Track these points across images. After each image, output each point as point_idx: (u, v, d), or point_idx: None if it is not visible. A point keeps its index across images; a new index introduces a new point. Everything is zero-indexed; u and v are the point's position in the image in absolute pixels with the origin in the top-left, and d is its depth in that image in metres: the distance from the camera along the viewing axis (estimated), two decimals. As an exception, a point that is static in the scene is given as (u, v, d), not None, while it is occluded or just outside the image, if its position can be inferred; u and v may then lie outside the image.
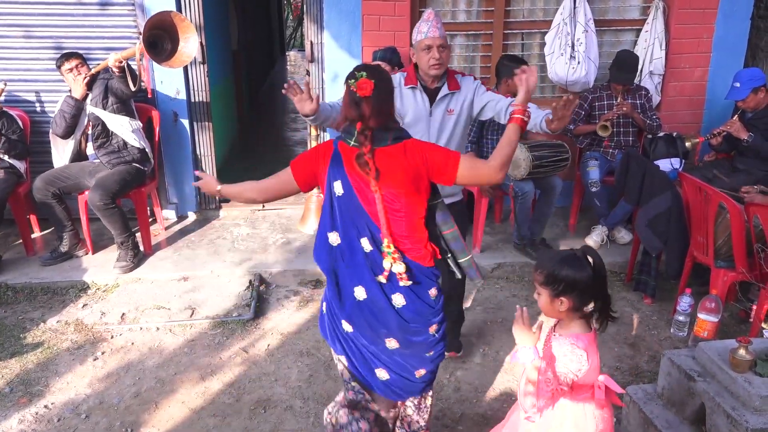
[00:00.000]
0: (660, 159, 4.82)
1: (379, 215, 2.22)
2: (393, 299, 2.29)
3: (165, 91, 5.11)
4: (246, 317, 3.98)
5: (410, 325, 2.31)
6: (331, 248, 2.34)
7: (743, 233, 3.55)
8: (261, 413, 3.14)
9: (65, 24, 4.88)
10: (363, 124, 2.19)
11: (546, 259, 2.08)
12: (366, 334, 2.35)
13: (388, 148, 2.22)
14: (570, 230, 5.19)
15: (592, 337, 2.05)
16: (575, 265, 2.00)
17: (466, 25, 5.30)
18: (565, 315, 2.05)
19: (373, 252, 2.27)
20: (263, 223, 5.36)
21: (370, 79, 2.18)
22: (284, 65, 19.18)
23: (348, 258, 2.31)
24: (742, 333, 3.72)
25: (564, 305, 2.01)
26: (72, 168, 4.56)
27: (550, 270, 2.02)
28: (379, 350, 2.36)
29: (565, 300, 2.01)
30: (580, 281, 1.99)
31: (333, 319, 2.42)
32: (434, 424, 3.05)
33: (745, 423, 2.35)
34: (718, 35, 5.33)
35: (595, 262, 2.01)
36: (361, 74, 2.20)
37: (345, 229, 2.29)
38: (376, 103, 2.20)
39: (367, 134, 2.19)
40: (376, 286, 2.29)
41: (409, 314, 2.30)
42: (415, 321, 2.31)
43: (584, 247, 2.10)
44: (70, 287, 4.28)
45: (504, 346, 3.70)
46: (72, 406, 3.19)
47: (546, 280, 2.03)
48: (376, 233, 2.26)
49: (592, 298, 2.03)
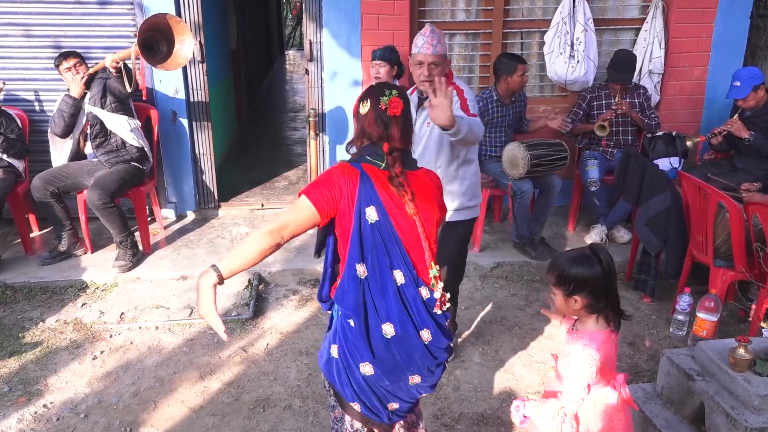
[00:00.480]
0: (659, 158, 4.83)
1: (422, 240, 2.10)
2: (422, 335, 2.12)
3: (164, 90, 5.10)
4: (245, 316, 3.98)
5: (436, 360, 2.18)
6: (360, 281, 2.09)
7: (742, 232, 3.55)
8: (260, 412, 3.14)
9: (64, 23, 4.88)
10: (390, 144, 2.08)
11: (557, 260, 2.11)
12: (390, 375, 2.13)
13: (417, 173, 2.16)
14: (569, 229, 5.19)
15: (606, 334, 2.07)
16: (585, 263, 2.03)
17: (465, 24, 5.30)
18: (581, 313, 2.08)
19: (405, 285, 2.09)
20: (262, 222, 5.36)
21: (400, 99, 2.08)
22: (283, 64, 19.17)
23: (376, 292, 2.09)
24: (742, 332, 3.72)
25: (578, 303, 2.05)
26: (71, 167, 4.55)
27: (561, 270, 2.05)
28: (397, 387, 2.17)
29: (579, 298, 2.04)
30: (590, 278, 2.02)
31: (349, 365, 2.15)
32: (433, 423, 3.05)
33: (745, 422, 2.35)
34: (717, 34, 5.33)
35: (604, 259, 2.03)
36: (392, 92, 2.09)
37: (375, 259, 2.07)
38: (404, 123, 2.11)
39: (396, 156, 2.08)
40: (408, 321, 2.10)
41: (436, 349, 2.16)
42: (440, 354, 2.17)
43: (593, 244, 2.12)
44: (69, 286, 4.28)
45: (503, 345, 3.70)
46: (71, 405, 3.18)
47: (558, 280, 2.06)
48: (409, 263, 2.09)
49: (604, 295, 2.04)
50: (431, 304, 2.13)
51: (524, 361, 3.58)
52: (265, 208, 5.61)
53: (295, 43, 24.31)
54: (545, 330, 3.89)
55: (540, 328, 3.92)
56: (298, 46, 23.49)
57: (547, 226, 4.93)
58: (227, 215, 5.51)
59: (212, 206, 5.52)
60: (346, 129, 5.28)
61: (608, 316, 2.09)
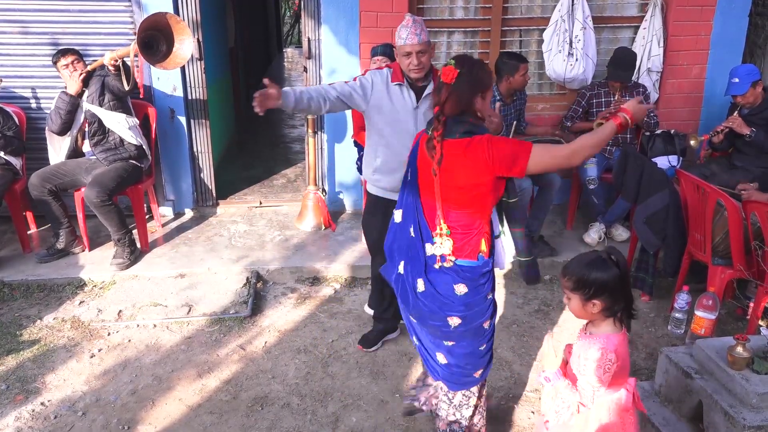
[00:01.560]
0: (658, 156, 4.82)
1: (437, 200, 2.33)
2: (417, 283, 2.45)
3: (162, 88, 5.09)
4: (243, 314, 3.97)
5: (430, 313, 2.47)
6: (395, 225, 2.56)
7: (741, 231, 3.55)
8: (258, 410, 3.14)
9: (62, 20, 4.86)
10: (439, 109, 2.31)
11: (573, 265, 2.11)
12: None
13: (455, 141, 2.30)
14: (567, 228, 5.19)
15: (621, 336, 2.07)
16: (603, 267, 2.03)
17: (463, 21, 5.29)
18: (597, 316, 2.07)
19: (414, 239, 2.44)
20: (260, 220, 5.35)
21: (456, 68, 2.28)
22: (282, 62, 19.15)
23: (399, 237, 2.53)
24: (740, 330, 3.72)
25: (597, 307, 2.04)
26: (68, 165, 4.54)
27: (580, 275, 2.05)
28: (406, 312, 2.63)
29: (598, 302, 2.04)
30: (609, 282, 2.02)
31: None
32: (431, 420, 3.04)
33: (743, 420, 2.36)
34: (716, 32, 5.33)
35: (620, 262, 2.03)
36: (451, 62, 2.30)
37: (405, 211, 2.50)
38: (455, 91, 2.28)
39: (440, 119, 2.30)
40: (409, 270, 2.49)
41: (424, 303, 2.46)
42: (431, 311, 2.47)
43: (608, 247, 2.13)
44: (67, 284, 4.27)
45: (501, 344, 3.70)
46: (68, 403, 3.18)
47: (576, 285, 2.06)
48: (422, 221, 2.41)
49: (622, 297, 2.04)
50: (431, 261, 2.40)
51: (522, 358, 3.58)
52: (264, 206, 5.61)
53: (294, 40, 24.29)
54: (543, 328, 3.89)
55: (538, 326, 3.92)
56: (297, 43, 23.47)
57: (546, 224, 4.93)
58: (225, 213, 5.51)
59: (210, 204, 5.51)
60: (345, 127, 5.27)
61: (621, 318, 2.09)
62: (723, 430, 2.43)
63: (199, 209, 5.49)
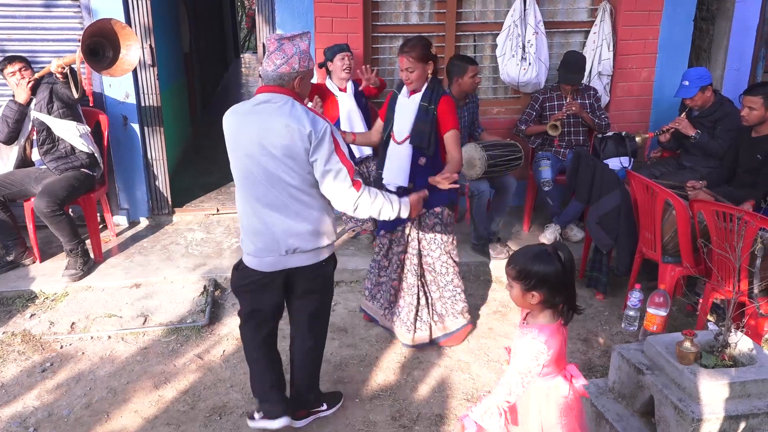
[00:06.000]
0: (610, 158, 4.94)
1: None
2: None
3: (114, 95, 5.00)
4: (200, 323, 3.92)
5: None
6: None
7: (689, 229, 3.65)
8: (216, 420, 3.10)
9: (7, 26, 4.73)
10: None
11: (519, 255, 2.14)
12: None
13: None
14: (524, 229, 5.26)
15: (555, 327, 2.11)
16: (547, 260, 2.07)
17: (418, 27, 5.32)
18: (536, 307, 2.12)
19: None
20: (218, 227, 5.29)
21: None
22: (238, 67, 18.98)
23: None
24: (690, 326, 3.82)
25: (535, 299, 2.09)
26: (17, 174, 4.43)
27: (523, 266, 2.09)
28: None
29: (537, 294, 2.08)
30: (551, 276, 2.06)
31: None
32: (391, 425, 3.06)
33: (692, 414, 2.42)
34: (663, 37, 5.48)
35: (565, 258, 2.07)
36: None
37: None
38: None
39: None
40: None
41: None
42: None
43: (556, 242, 2.18)
44: (17, 297, 4.15)
45: (460, 345, 3.73)
46: (19, 419, 3.09)
47: (518, 275, 2.10)
48: None
49: (562, 291, 2.09)
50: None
51: (481, 360, 3.61)
52: (221, 213, 5.54)
53: (251, 46, 24.10)
54: (501, 329, 3.94)
55: (496, 327, 3.96)
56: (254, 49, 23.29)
57: (503, 226, 4.99)
58: (182, 221, 5.43)
59: (166, 212, 5.43)
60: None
61: (561, 311, 2.14)
62: (673, 423, 2.49)
63: (154, 218, 5.40)
